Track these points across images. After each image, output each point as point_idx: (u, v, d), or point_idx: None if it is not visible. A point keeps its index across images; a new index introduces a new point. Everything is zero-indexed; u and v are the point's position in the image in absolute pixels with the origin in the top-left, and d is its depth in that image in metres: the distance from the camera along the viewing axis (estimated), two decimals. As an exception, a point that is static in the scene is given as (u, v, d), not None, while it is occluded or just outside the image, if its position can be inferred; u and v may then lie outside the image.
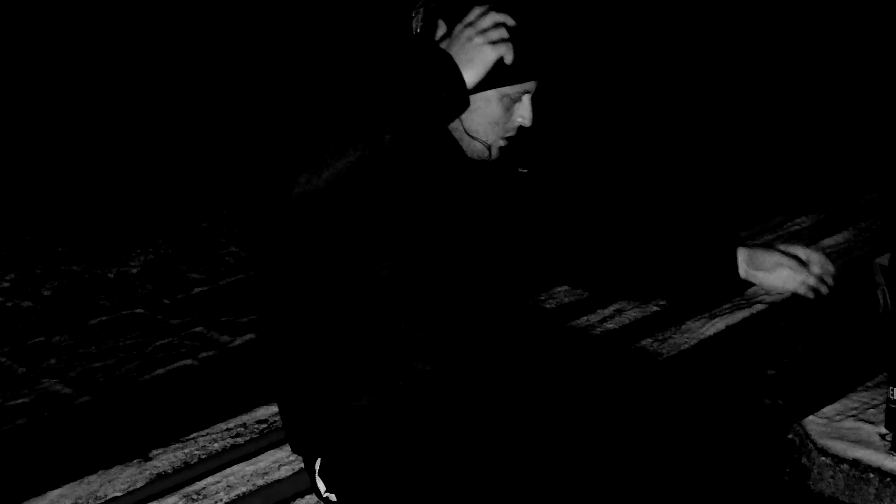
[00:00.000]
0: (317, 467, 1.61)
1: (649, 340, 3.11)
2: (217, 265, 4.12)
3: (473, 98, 1.49)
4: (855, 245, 4.07)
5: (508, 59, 1.42)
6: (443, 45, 1.43)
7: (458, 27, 1.43)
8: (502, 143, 1.58)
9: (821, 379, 2.12)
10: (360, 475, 1.56)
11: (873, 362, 2.42)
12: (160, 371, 3.18)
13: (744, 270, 1.72)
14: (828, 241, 4.11)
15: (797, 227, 4.34)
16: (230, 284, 3.93)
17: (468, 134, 1.56)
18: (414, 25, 1.54)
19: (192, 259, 4.18)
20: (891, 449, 1.83)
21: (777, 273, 1.70)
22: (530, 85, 1.53)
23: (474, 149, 1.57)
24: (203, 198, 4.87)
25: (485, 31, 1.41)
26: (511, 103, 1.53)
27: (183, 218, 4.64)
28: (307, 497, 2.38)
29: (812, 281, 1.70)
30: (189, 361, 3.24)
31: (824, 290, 1.71)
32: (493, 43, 1.41)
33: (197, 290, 3.88)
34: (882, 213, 4.43)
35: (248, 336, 3.42)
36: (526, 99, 1.54)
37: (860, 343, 2.77)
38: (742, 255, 1.72)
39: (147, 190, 5.05)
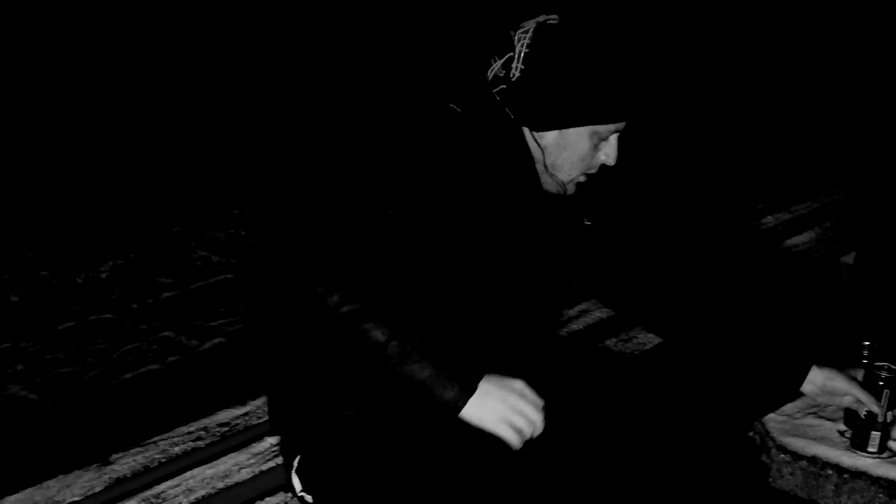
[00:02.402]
0: (295, 464, 1.61)
1: (613, 340, 3.12)
2: (187, 269, 4.11)
3: (563, 133, 1.53)
4: (820, 245, 4.10)
5: (511, 447, 1.42)
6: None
7: (518, 385, 1.42)
8: (582, 178, 1.59)
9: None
10: (341, 482, 1.56)
11: (835, 357, 2.44)
12: (127, 376, 3.17)
13: (810, 389, 1.74)
14: (793, 241, 4.13)
15: (763, 228, 4.36)
16: (200, 289, 3.91)
17: (548, 169, 1.57)
18: (518, 48, 1.52)
19: (162, 264, 4.16)
20: (849, 445, 1.84)
21: (844, 399, 1.76)
22: (621, 125, 1.55)
23: (550, 184, 1.59)
24: (173, 202, 4.85)
25: (522, 414, 1.41)
26: (599, 141, 1.55)
27: (153, 222, 4.62)
28: (267, 499, 2.38)
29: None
30: (156, 366, 3.23)
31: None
32: (512, 426, 1.41)
33: (166, 294, 3.86)
34: (847, 212, 4.46)
35: (217, 340, 3.41)
36: (613, 139, 1.56)
37: (823, 340, 2.79)
38: (817, 375, 1.73)
39: (117, 194, 5.02)
